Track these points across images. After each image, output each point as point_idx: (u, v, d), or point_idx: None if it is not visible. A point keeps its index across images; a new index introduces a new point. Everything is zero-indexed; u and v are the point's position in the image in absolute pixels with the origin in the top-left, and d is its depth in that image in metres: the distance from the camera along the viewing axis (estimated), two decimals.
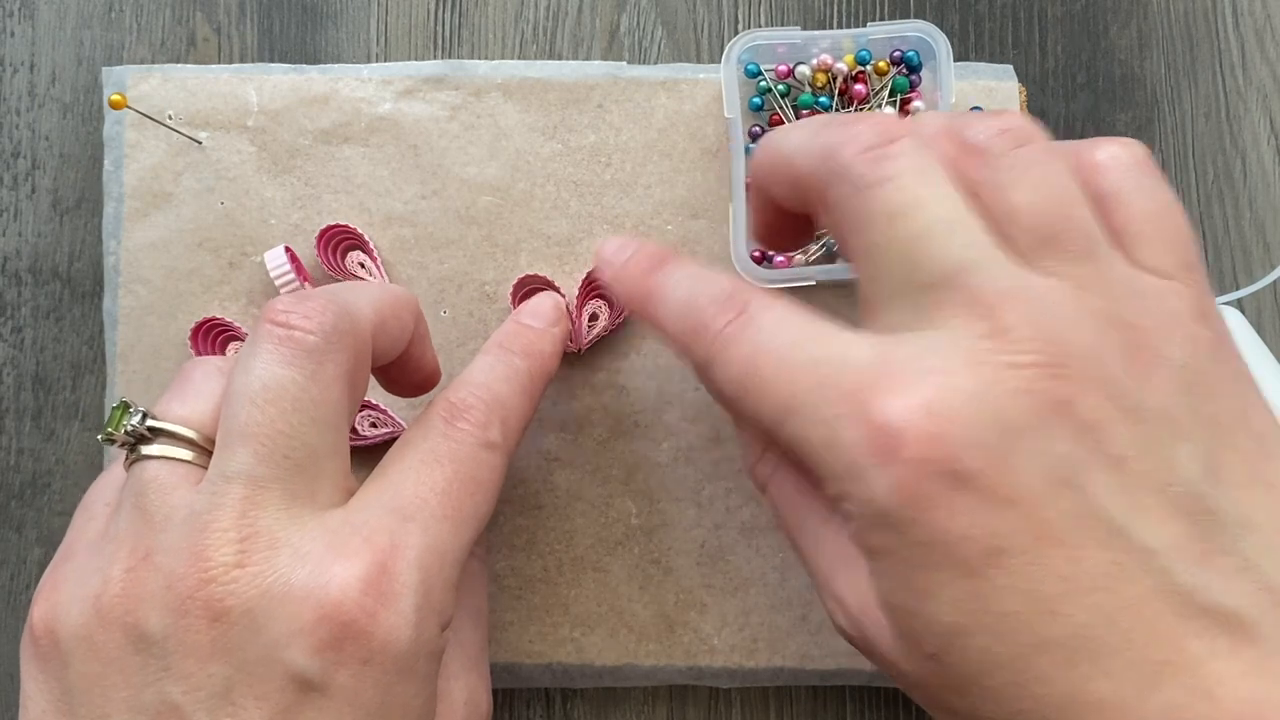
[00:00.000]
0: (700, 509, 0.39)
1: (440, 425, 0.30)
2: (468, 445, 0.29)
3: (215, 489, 0.26)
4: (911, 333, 0.24)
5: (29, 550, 0.41)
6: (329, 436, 0.28)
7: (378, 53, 0.42)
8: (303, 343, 0.27)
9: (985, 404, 0.21)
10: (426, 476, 0.29)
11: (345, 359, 0.28)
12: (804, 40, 0.38)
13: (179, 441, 0.28)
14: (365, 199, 0.40)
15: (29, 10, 0.42)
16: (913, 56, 0.38)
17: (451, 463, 0.29)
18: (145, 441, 0.28)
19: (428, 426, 0.30)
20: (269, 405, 0.26)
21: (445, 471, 0.29)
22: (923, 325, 0.23)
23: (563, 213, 0.39)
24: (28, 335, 0.41)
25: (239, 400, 0.27)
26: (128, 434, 0.28)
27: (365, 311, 0.29)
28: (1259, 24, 0.41)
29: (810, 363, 0.24)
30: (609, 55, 0.42)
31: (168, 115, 0.40)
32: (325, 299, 0.28)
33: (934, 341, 0.23)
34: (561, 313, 0.36)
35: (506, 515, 0.39)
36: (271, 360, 0.27)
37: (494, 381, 0.31)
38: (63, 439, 0.41)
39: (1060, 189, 0.24)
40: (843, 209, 0.25)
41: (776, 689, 0.40)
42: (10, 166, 0.42)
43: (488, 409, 0.30)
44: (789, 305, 0.26)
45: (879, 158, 0.25)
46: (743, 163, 0.38)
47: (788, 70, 0.38)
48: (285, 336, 0.27)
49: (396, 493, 0.28)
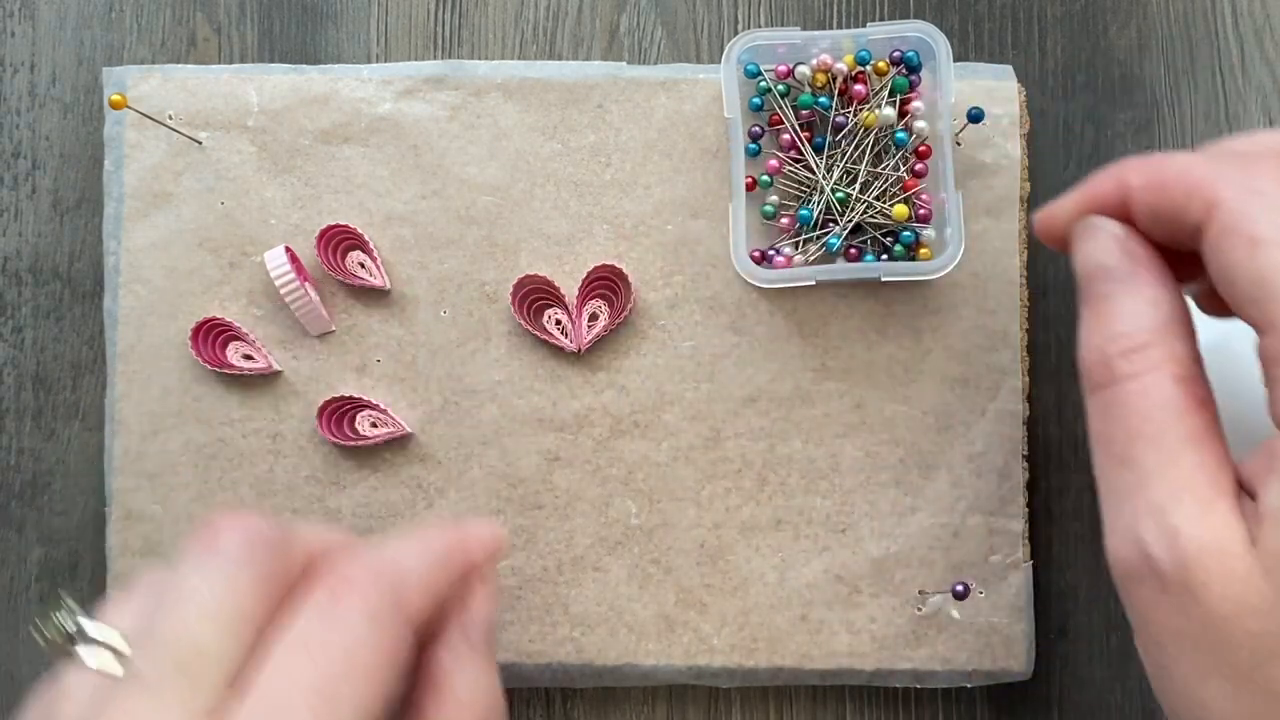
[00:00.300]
0: (700, 509, 0.39)
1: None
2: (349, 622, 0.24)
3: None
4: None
5: (29, 550, 0.41)
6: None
7: (378, 53, 0.42)
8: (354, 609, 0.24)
9: None
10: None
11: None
12: (804, 40, 0.38)
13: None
14: (365, 199, 0.40)
15: (29, 10, 0.42)
16: (912, 57, 0.38)
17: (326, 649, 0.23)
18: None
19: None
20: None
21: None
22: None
23: (562, 213, 0.39)
24: (28, 335, 0.41)
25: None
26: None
27: (411, 576, 0.26)
28: (1259, 24, 0.41)
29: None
30: (609, 55, 0.42)
31: (168, 115, 0.40)
32: (368, 563, 0.25)
33: None
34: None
35: (507, 515, 0.39)
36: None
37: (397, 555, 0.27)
38: (63, 439, 0.41)
39: None
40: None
41: (776, 689, 0.40)
42: (11, 166, 0.42)
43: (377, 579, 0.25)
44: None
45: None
46: (742, 163, 0.38)
47: (788, 70, 0.38)
48: (331, 600, 0.24)
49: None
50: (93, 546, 0.41)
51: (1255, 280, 0.23)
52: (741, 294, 0.39)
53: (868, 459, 0.39)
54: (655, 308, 0.39)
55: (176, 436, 0.39)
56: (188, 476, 0.39)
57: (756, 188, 0.39)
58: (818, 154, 0.38)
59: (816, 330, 0.39)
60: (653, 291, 0.39)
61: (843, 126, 0.38)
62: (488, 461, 0.39)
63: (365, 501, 0.39)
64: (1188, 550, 0.22)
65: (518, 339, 0.39)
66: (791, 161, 0.39)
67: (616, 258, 0.39)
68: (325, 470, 0.39)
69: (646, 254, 0.39)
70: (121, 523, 0.39)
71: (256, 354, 0.39)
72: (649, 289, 0.39)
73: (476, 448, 0.39)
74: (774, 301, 0.39)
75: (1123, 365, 0.25)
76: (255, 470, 0.39)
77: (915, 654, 0.38)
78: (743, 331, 0.39)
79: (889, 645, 0.38)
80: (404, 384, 0.39)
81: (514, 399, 0.39)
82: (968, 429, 0.39)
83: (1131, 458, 0.24)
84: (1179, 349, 0.25)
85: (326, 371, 0.39)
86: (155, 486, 0.39)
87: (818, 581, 0.39)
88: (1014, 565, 0.38)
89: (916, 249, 0.38)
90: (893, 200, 0.38)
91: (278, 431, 0.39)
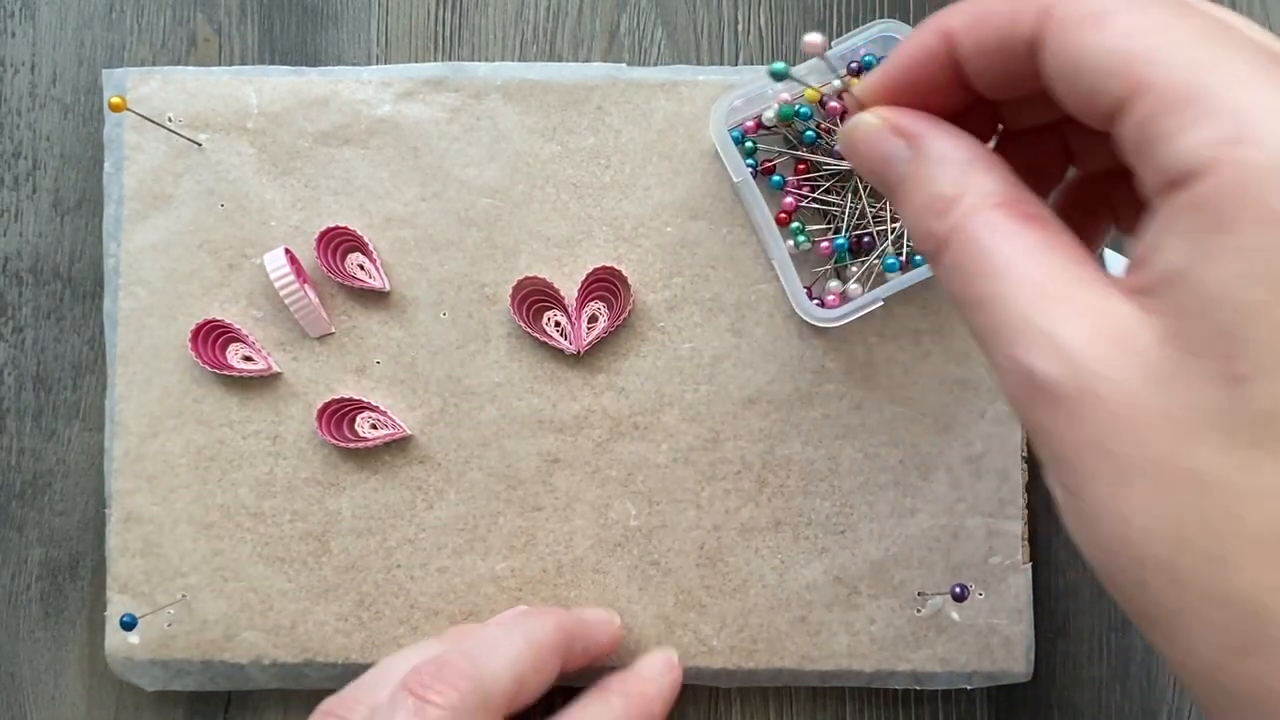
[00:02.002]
0: (699, 510, 0.39)
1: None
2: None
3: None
4: None
5: (29, 550, 0.41)
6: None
7: (378, 54, 0.42)
8: (434, 717, 0.31)
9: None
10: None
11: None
12: (769, 83, 0.38)
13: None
14: (365, 201, 0.40)
15: (30, 11, 0.42)
16: (870, 60, 0.38)
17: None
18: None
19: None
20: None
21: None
22: None
23: (562, 214, 0.39)
24: (28, 335, 0.41)
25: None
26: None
27: (503, 681, 0.33)
28: (1258, 25, 0.41)
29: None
30: (609, 56, 0.42)
31: (168, 117, 0.40)
32: (462, 670, 0.32)
33: None
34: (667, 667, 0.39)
35: (506, 517, 0.39)
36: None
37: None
38: (63, 439, 0.41)
39: None
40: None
41: (776, 690, 0.40)
42: (11, 167, 0.42)
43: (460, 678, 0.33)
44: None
45: None
46: (766, 213, 0.38)
47: (755, 125, 0.39)
48: (418, 708, 0.31)
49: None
50: (93, 547, 0.41)
51: (1107, 52, 0.20)
52: (741, 295, 0.39)
53: (867, 460, 0.39)
54: (655, 309, 0.39)
55: (176, 438, 0.39)
56: (187, 478, 0.39)
57: (789, 220, 0.39)
58: (833, 180, 0.38)
59: (816, 332, 0.39)
60: (652, 293, 0.39)
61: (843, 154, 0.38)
62: (487, 463, 0.39)
63: (365, 503, 0.39)
64: (1069, 350, 0.20)
65: (517, 341, 0.39)
66: (808, 191, 0.39)
67: (616, 259, 0.39)
68: (325, 472, 0.39)
69: (646, 256, 0.39)
70: (121, 524, 0.39)
71: (256, 355, 0.39)
72: (648, 291, 0.39)
73: (476, 449, 0.39)
74: (773, 303, 0.39)
75: (941, 226, 0.23)
76: (255, 472, 0.39)
77: (915, 655, 0.38)
78: (742, 333, 0.39)
79: (888, 646, 0.38)
80: (403, 386, 0.39)
81: (513, 401, 0.39)
82: (967, 430, 0.39)
83: (986, 295, 0.21)
84: (987, 184, 0.23)
85: (326, 373, 0.39)
86: (155, 488, 0.39)
87: (817, 583, 0.39)
88: (1013, 567, 0.38)
89: None
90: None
91: (277, 433, 0.39)
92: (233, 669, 0.39)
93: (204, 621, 0.39)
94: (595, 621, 0.38)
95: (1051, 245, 0.21)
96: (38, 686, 0.41)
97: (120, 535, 0.39)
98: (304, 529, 0.39)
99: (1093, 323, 0.20)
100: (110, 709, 0.41)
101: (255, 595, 0.39)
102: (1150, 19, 0.20)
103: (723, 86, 0.39)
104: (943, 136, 0.24)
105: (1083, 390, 0.19)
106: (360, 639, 0.39)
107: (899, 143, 0.24)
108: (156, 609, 0.39)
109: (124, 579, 0.39)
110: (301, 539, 0.39)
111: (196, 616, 0.39)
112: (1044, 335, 0.20)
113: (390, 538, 0.39)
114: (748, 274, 0.39)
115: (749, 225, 0.39)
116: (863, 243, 0.38)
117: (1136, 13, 0.20)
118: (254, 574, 0.39)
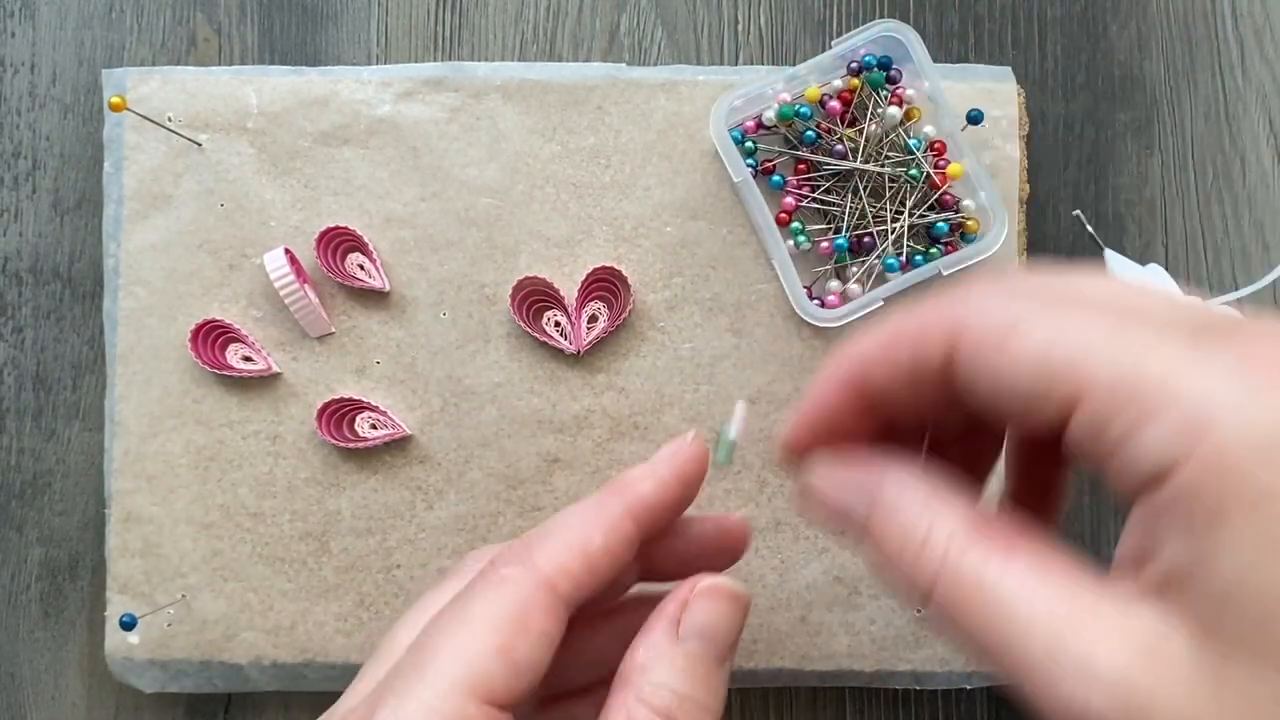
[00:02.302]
0: (699, 510, 0.39)
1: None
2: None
3: None
4: None
5: (29, 550, 0.41)
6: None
7: (378, 53, 0.42)
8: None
9: None
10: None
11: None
12: (761, 86, 0.38)
13: None
14: (365, 201, 0.40)
15: (30, 11, 0.42)
16: (870, 60, 0.38)
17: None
18: None
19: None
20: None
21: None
22: None
23: (562, 214, 0.39)
24: (28, 335, 0.41)
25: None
26: None
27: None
28: (1258, 24, 0.41)
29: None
30: (609, 56, 0.42)
31: (168, 117, 0.40)
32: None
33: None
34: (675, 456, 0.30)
35: (506, 517, 0.39)
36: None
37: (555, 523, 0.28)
38: (63, 439, 0.41)
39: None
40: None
41: (776, 690, 0.40)
42: (11, 167, 0.42)
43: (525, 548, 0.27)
44: None
45: None
46: (766, 213, 0.38)
47: (755, 125, 0.39)
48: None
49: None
50: (93, 547, 0.41)
51: (1032, 364, 0.20)
52: (741, 295, 0.39)
53: None
54: (655, 309, 0.39)
55: (176, 438, 0.39)
56: (187, 478, 0.39)
57: (789, 220, 0.39)
58: (833, 180, 0.39)
59: (816, 332, 0.39)
60: (652, 293, 0.39)
61: (843, 154, 0.38)
62: (487, 463, 0.39)
63: (365, 503, 0.39)
64: (1110, 678, 0.19)
65: (517, 341, 0.39)
66: (808, 191, 0.39)
67: (616, 259, 0.39)
68: (325, 472, 0.39)
69: (646, 256, 0.39)
70: (121, 524, 0.39)
71: (256, 356, 0.39)
72: (648, 291, 0.39)
73: (476, 449, 0.39)
74: (773, 303, 0.39)
75: (922, 572, 0.22)
76: (255, 472, 0.39)
77: (915, 655, 0.38)
78: (742, 333, 0.39)
79: (888, 647, 0.38)
80: (403, 386, 0.39)
81: (513, 401, 0.39)
82: None
83: (1001, 638, 0.21)
84: (952, 518, 0.22)
85: (326, 373, 0.39)
86: (154, 488, 0.39)
87: (817, 583, 0.39)
88: None
89: (958, 231, 0.38)
90: (923, 206, 0.38)
91: (277, 433, 0.39)
92: (232, 670, 0.39)
93: (203, 621, 0.39)
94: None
95: (1043, 564, 0.21)
96: (38, 686, 0.41)
97: (120, 535, 0.39)
98: (304, 529, 0.39)
99: (1122, 640, 0.19)
100: (110, 709, 0.41)
101: (255, 595, 0.39)
102: (1067, 321, 0.20)
103: (723, 86, 0.39)
104: (890, 477, 0.24)
105: (1133, 716, 0.19)
106: (360, 639, 0.39)
107: (851, 500, 0.24)
108: (156, 609, 0.39)
109: (124, 579, 0.39)
110: (301, 539, 0.39)
111: (196, 617, 0.39)
112: (1080, 670, 0.19)
113: (390, 538, 0.39)
114: (748, 274, 0.39)
115: (749, 225, 0.39)
116: (863, 243, 0.38)
117: (1049, 318, 0.20)
118: (254, 574, 0.39)
